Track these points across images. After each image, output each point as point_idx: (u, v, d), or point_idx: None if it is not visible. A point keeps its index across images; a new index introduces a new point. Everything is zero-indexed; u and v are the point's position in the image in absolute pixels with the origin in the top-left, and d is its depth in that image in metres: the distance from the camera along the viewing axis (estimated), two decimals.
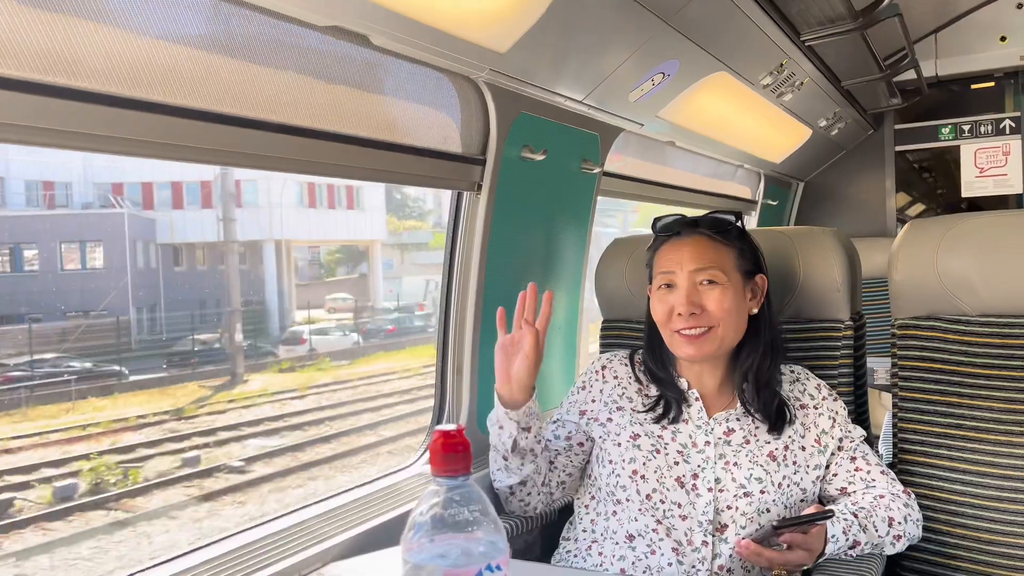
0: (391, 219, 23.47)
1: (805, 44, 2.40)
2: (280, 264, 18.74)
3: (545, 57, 1.68)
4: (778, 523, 1.27)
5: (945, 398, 1.63)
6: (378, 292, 21.92)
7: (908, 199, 4.57)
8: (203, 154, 1.20)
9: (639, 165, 2.73)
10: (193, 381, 12.55)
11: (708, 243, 1.49)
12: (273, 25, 1.26)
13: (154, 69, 1.11)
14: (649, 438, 1.49)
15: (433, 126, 1.65)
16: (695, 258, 1.47)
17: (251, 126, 1.25)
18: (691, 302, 1.44)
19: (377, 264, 22.17)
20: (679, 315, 1.45)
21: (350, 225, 21.22)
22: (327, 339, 16.71)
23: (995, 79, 3.89)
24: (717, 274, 1.46)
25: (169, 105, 1.13)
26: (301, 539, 1.42)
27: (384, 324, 19.91)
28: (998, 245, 1.60)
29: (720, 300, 1.45)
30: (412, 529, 0.84)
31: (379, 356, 16.09)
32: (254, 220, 18.24)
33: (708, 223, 1.51)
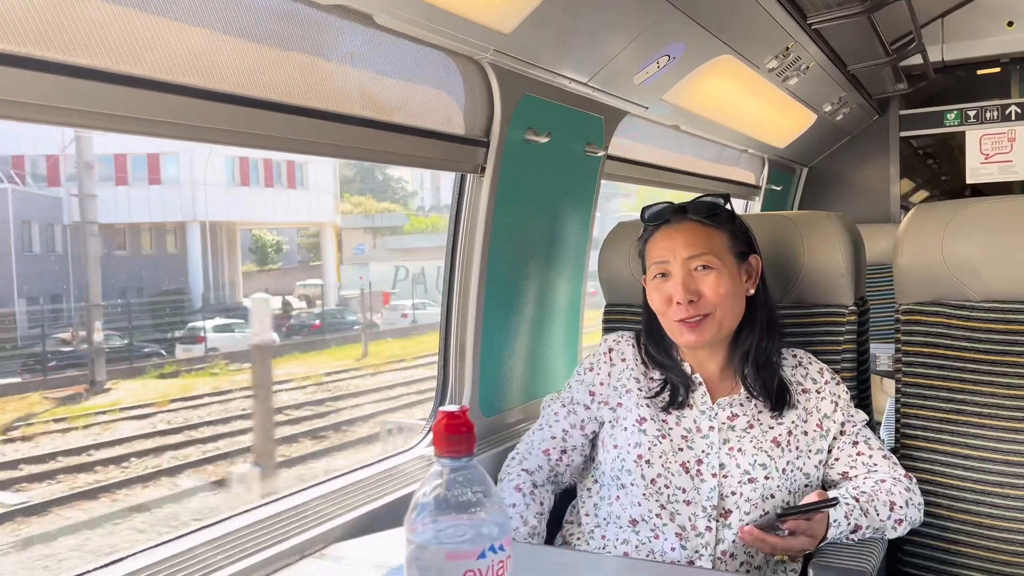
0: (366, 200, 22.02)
1: (812, 27, 2.38)
2: (215, 248, 16.81)
3: (550, 38, 1.66)
4: (782, 511, 1.28)
5: (948, 384, 1.63)
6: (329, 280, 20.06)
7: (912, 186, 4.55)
8: (206, 133, 1.20)
9: (643, 149, 2.72)
10: (40, 391, 9.96)
11: (699, 228, 1.48)
12: (277, 4, 1.25)
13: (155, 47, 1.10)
14: (655, 422, 1.49)
15: (437, 108, 1.64)
16: (688, 245, 1.47)
17: (252, 105, 1.24)
18: (687, 289, 1.44)
19: (329, 249, 20.27)
20: (677, 304, 1.45)
21: (292, 206, 19.00)
22: (232, 337, 14.00)
23: (1001, 64, 3.86)
24: (711, 259, 1.46)
25: (168, 83, 1.12)
26: (305, 519, 1.43)
27: (311, 319, 17.59)
28: (1004, 230, 1.60)
29: (716, 285, 1.45)
30: (415, 510, 0.84)
31: (291, 358, 13.84)
32: (175, 199, 16.25)
33: (697, 208, 1.51)
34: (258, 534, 1.34)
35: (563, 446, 1.58)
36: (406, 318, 18.66)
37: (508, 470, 1.59)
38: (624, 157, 2.50)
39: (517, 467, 1.58)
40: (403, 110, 1.55)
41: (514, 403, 2.02)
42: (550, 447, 1.58)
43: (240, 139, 1.24)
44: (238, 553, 1.28)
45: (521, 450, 1.61)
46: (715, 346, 1.52)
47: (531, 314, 2.05)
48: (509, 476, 1.56)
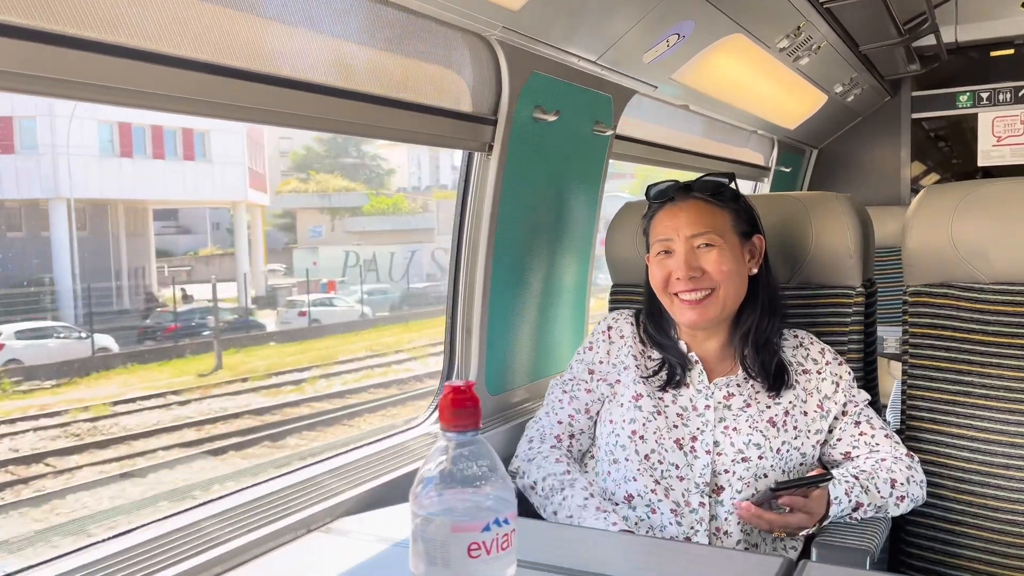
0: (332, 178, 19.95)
1: (823, 6, 2.36)
2: (97, 230, 14.30)
3: (559, 15, 1.65)
4: (775, 486, 1.28)
5: (955, 365, 1.63)
6: (257, 267, 17.78)
7: (923, 168, 4.51)
8: (210, 108, 1.19)
9: (652, 129, 2.70)
10: None
11: (703, 207, 1.49)
12: None
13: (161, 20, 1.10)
14: (651, 399, 1.50)
15: (444, 85, 1.63)
16: (691, 223, 1.47)
17: (261, 80, 1.24)
18: (690, 266, 1.45)
19: (242, 232, 17.43)
20: (678, 279, 1.46)
21: (188, 181, 15.87)
22: (45, 346, 11.18)
23: (1015, 46, 3.81)
24: (714, 237, 1.46)
25: (177, 57, 1.12)
26: (312, 494, 1.44)
27: (167, 320, 14.77)
28: (1014, 212, 1.59)
29: (718, 261, 1.45)
30: (421, 483, 0.85)
31: (121, 372, 11.37)
32: (33, 171, 13.33)
33: (702, 186, 1.51)
34: (264, 508, 1.36)
35: (571, 431, 1.59)
36: (304, 316, 16.34)
37: (533, 449, 1.58)
38: (633, 137, 2.48)
39: (540, 445, 1.58)
40: (411, 87, 1.55)
41: (520, 382, 2.03)
42: (560, 433, 1.59)
43: (247, 114, 1.24)
44: (244, 527, 1.29)
45: (534, 435, 1.61)
46: (716, 326, 1.52)
47: (538, 293, 2.05)
48: (542, 453, 1.55)
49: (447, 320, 1.86)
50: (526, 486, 1.53)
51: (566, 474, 1.49)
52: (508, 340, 1.96)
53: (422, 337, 14.88)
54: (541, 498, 1.49)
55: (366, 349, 14.04)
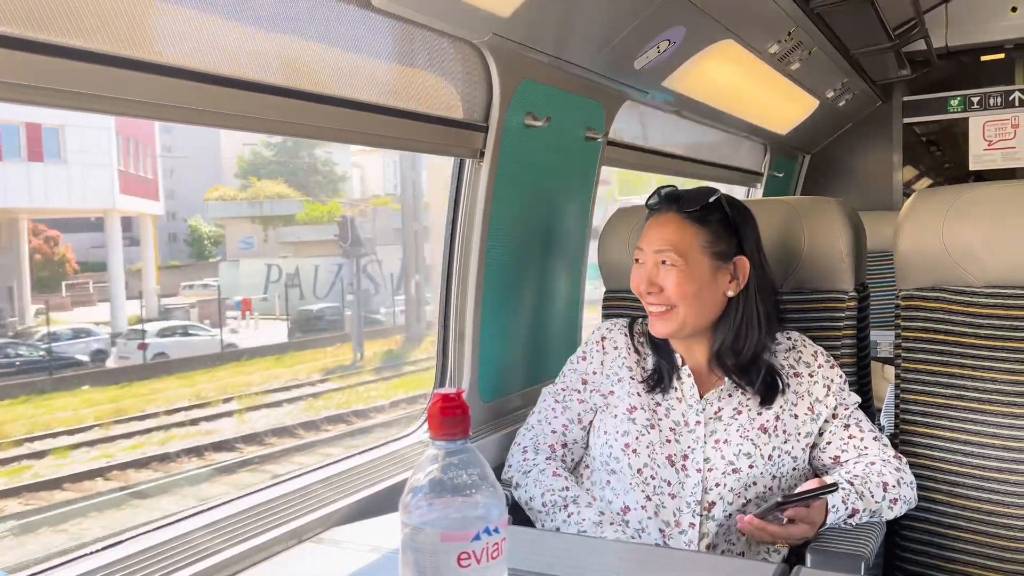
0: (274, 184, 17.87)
1: (814, 11, 2.36)
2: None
3: (549, 22, 1.65)
4: (783, 499, 1.27)
5: (948, 369, 1.62)
6: (116, 290, 14.82)
7: (915, 173, 4.53)
8: (198, 116, 1.19)
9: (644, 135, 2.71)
10: None
11: (678, 223, 1.48)
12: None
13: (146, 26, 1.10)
14: (645, 411, 1.49)
15: (435, 92, 1.63)
16: (658, 239, 1.48)
17: (249, 88, 1.23)
18: (650, 281, 1.47)
19: (114, 245, 14.79)
20: (640, 292, 1.49)
21: (35, 185, 12.88)
22: None
23: (1005, 50, 3.83)
24: (674, 257, 1.45)
25: (166, 66, 1.11)
26: (303, 504, 1.43)
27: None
28: (1005, 215, 1.59)
29: (677, 283, 1.45)
30: (410, 492, 0.84)
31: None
32: None
33: (684, 201, 1.50)
34: (255, 518, 1.35)
35: (564, 440, 1.58)
36: (144, 349, 13.39)
37: (528, 461, 1.56)
38: (625, 143, 2.49)
39: (535, 456, 1.56)
40: (402, 94, 1.54)
41: (514, 388, 2.02)
42: (554, 443, 1.58)
43: (236, 122, 1.23)
44: (235, 537, 1.28)
45: (527, 445, 1.59)
46: (695, 337, 1.52)
47: (531, 300, 2.04)
48: (538, 466, 1.54)
49: (439, 327, 1.86)
50: (523, 499, 1.52)
51: (566, 490, 1.49)
52: (501, 347, 1.95)
53: (291, 373, 12.64)
54: (541, 514, 1.48)
55: (191, 397, 11.12)
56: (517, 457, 1.58)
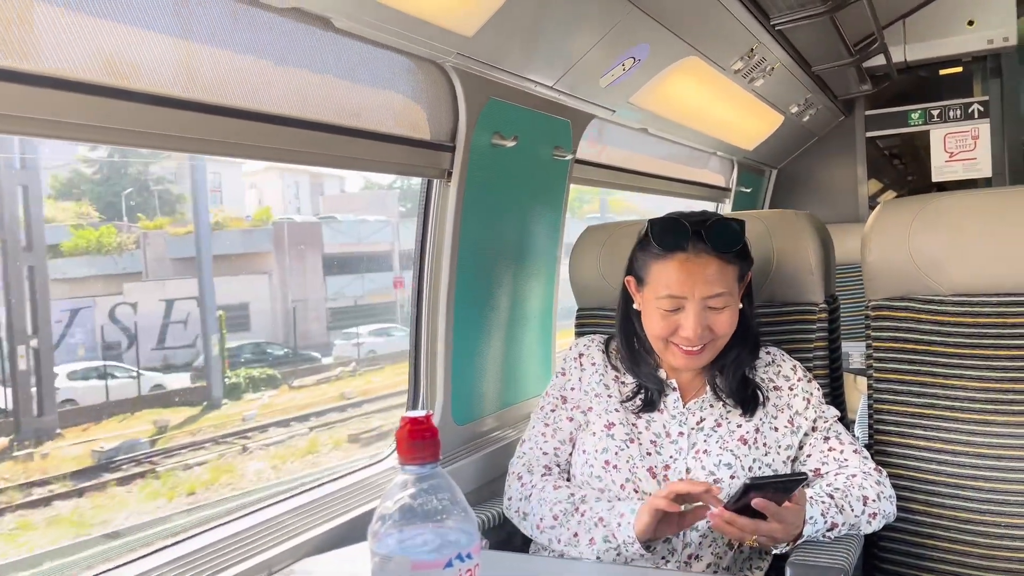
0: (68, 205, 13.10)
1: (775, 28, 2.39)
2: None
3: (513, 41, 1.65)
4: (750, 480, 1.24)
5: (919, 378, 1.63)
6: None
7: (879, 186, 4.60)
8: (154, 140, 1.16)
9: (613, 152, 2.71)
10: None
11: (719, 265, 1.41)
12: (231, 6, 1.22)
13: (101, 50, 1.07)
14: (624, 426, 1.48)
15: (401, 112, 1.62)
16: (708, 284, 1.40)
17: (209, 111, 1.21)
18: (701, 326, 1.41)
19: None
20: (686, 337, 1.42)
21: None
22: None
23: (963, 64, 3.92)
24: (728, 299, 1.43)
25: (118, 88, 1.09)
26: (274, 535, 1.40)
27: None
28: (969, 225, 1.60)
29: (728, 321, 1.44)
30: (379, 520, 0.81)
31: None
32: None
33: (720, 243, 1.41)
34: (225, 551, 1.31)
35: (557, 461, 1.56)
36: None
37: (525, 486, 1.52)
38: (593, 161, 2.49)
39: (531, 478, 1.53)
40: (366, 115, 1.53)
41: (488, 411, 2.00)
42: (547, 463, 1.55)
43: (192, 145, 1.21)
44: (204, 571, 1.25)
45: (521, 471, 1.55)
46: None
47: (503, 320, 2.02)
48: (537, 487, 1.50)
49: (411, 350, 1.83)
50: (533, 524, 1.47)
51: (572, 496, 1.45)
52: (474, 368, 1.93)
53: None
54: (556, 528, 1.43)
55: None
56: (514, 486, 1.54)
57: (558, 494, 1.46)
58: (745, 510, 1.25)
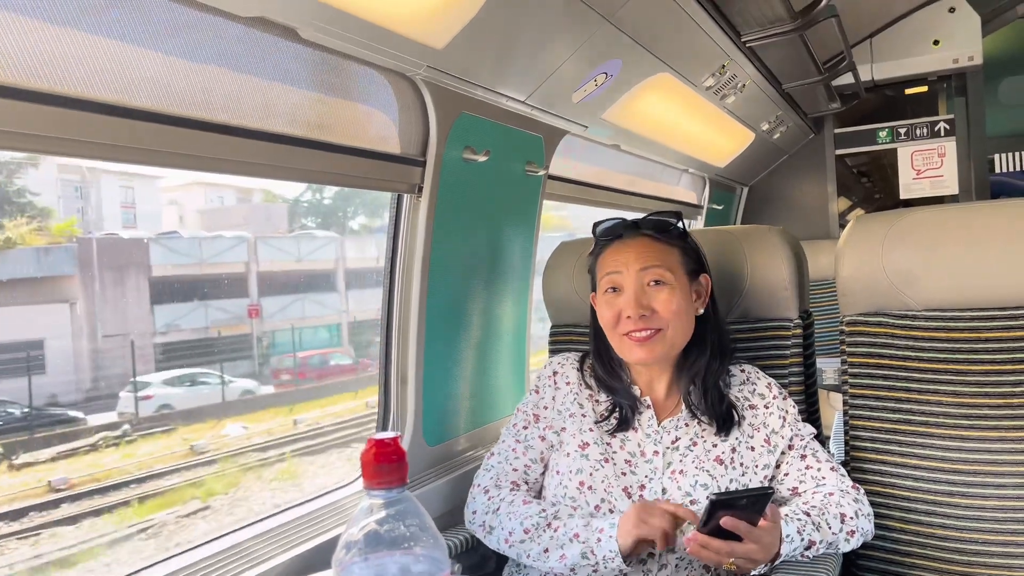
0: None
1: (746, 45, 2.40)
2: None
3: (485, 54, 1.63)
4: (715, 497, 1.21)
5: (894, 394, 1.62)
6: None
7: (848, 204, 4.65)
8: (112, 151, 1.12)
9: (585, 168, 2.70)
10: None
11: (652, 243, 1.47)
12: (193, 16, 1.19)
13: (61, 58, 1.03)
14: (598, 446, 1.45)
15: (369, 126, 1.58)
16: (641, 257, 1.44)
17: (169, 123, 1.17)
18: (640, 303, 1.42)
19: None
20: (628, 318, 1.42)
21: None
22: None
23: (928, 83, 3.98)
24: (664, 273, 1.43)
25: (77, 98, 1.05)
26: (238, 562, 1.34)
27: None
28: (941, 239, 1.60)
29: (668, 301, 1.42)
30: (344, 548, 0.77)
31: None
32: None
33: (651, 224, 1.49)
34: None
35: (526, 478, 1.53)
36: None
37: (493, 499, 1.48)
38: (566, 177, 2.47)
39: (499, 492, 1.48)
40: (334, 128, 1.49)
41: (460, 431, 1.96)
42: (516, 479, 1.52)
43: (150, 158, 1.17)
44: None
45: (488, 485, 1.51)
46: (663, 364, 1.49)
47: (476, 338, 1.99)
48: (505, 500, 1.46)
49: (380, 369, 1.79)
50: (500, 538, 1.43)
51: (542, 513, 1.40)
52: (446, 388, 1.89)
53: None
54: (526, 542, 1.38)
55: None
56: (480, 499, 1.50)
57: (528, 508, 1.42)
58: (718, 532, 1.23)
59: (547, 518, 1.39)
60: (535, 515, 1.40)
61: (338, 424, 8.85)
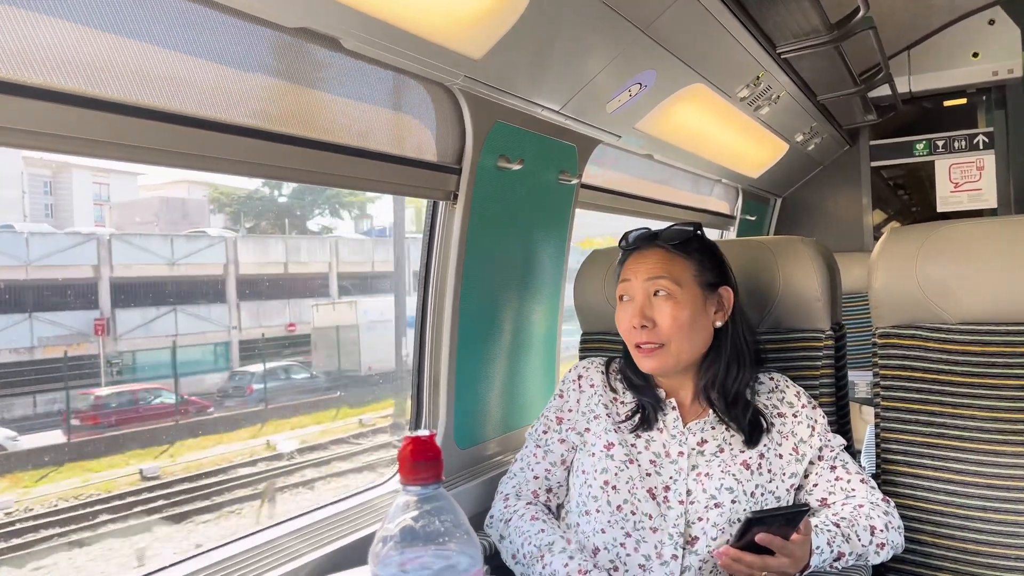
0: None
1: (781, 57, 2.40)
2: None
3: (521, 65, 1.66)
4: (752, 514, 1.23)
5: (927, 407, 1.61)
6: None
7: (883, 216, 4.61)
8: (168, 158, 1.16)
9: (618, 177, 2.72)
10: None
11: (665, 255, 1.49)
12: (242, 27, 1.23)
13: (121, 69, 1.08)
14: (623, 447, 1.47)
15: (407, 134, 1.62)
16: (650, 268, 1.47)
17: (220, 130, 1.21)
18: (643, 315, 1.45)
19: None
20: (634, 328, 1.46)
21: None
22: None
23: (967, 95, 3.93)
24: (669, 285, 1.45)
25: (136, 106, 1.09)
26: (272, 558, 1.38)
27: None
28: (977, 252, 1.59)
29: (673, 314, 1.44)
30: (381, 542, 0.80)
31: None
32: None
33: (667, 235, 1.51)
34: (223, 574, 1.29)
35: (548, 484, 1.55)
36: None
37: (508, 508, 1.52)
38: (598, 186, 2.49)
39: (516, 503, 1.53)
40: (373, 136, 1.53)
41: (490, 435, 1.98)
42: (537, 488, 1.54)
43: (202, 164, 1.21)
44: None
45: (509, 493, 1.56)
46: (683, 372, 1.50)
47: (507, 344, 2.01)
48: (518, 512, 1.50)
49: (414, 373, 1.82)
50: (509, 553, 1.47)
51: (541, 533, 1.44)
52: (477, 392, 1.92)
53: None
54: (524, 566, 1.44)
55: None
56: (499, 506, 1.54)
57: (531, 527, 1.46)
58: (751, 546, 1.24)
59: (540, 548, 1.42)
60: (532, 535, 1.45)
61: None
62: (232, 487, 8.41)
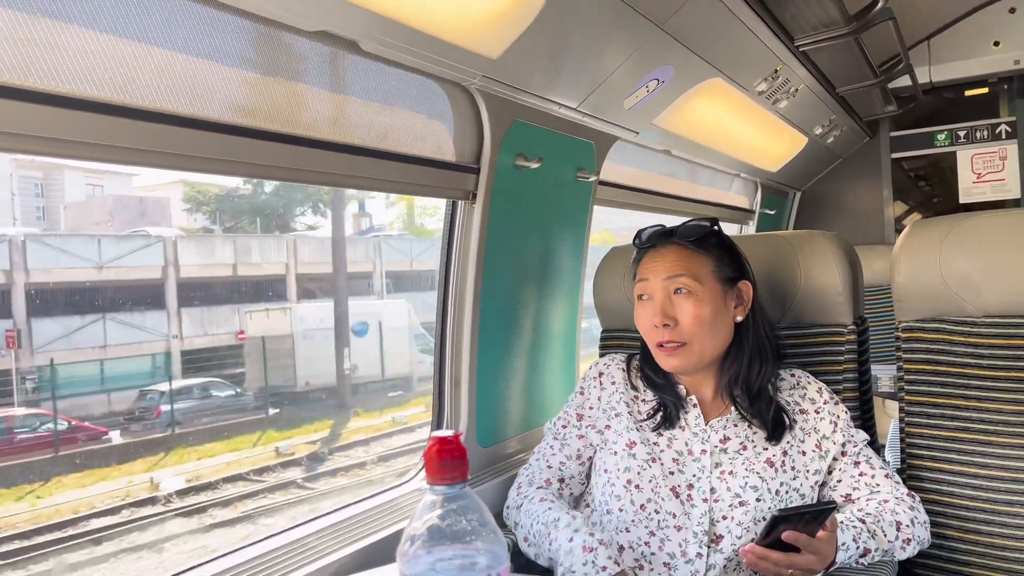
0: None
1: (799, 49, 2.39)
2: None
3: (538, 63, 1.66)
4: (779, 512, 1.23)
5: (952, 401, 1.60)
6: None
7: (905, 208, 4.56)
8: (191, 162, 1.18)
9: (636, 173, 2.71)
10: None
11: (683, 251, 1.47)
12: (262, 30, 1.24)
13: (143, 74, 1.09)
14: (645, 446, 1.47)
15: (426, 134, 1.63)
16: (668, 266, 1.46)
17: (242, 134, 1.23)
18: (664, 314, 1.44)
19: None
20: (655, 327, 1.45)
21: None
22: None
23: (989, 84, 3.89)
24: (689, 282, 1.44)
25: (159, 112, 1.11)
26: (299, 556, 1.39)
27: None
28: (1001, 244, 1.58)
29: (695, 312, 1.43)
30: (408, 541, 0.81)
31: None
32: None
33: (684, 232, 1.50)
34: (249, 573, 1.31)
35: (561, 475, 1.55)
36: None
37: (521, 495, 1.53)
38: (616, 182, 2.49)
39: (529, 490, 1.53)
40: (392, 137, 1.54)
41: (511, 433, 1.99)
42: (549, 476, 1.55)
43: (225, 168, 1.22)
44: None
45: (523, 481, 1.57)
46: (705, 369, 1.50)
47: (527, 342, 2.02)
48: (528, 496, 1.51)
49: (435, 372, 1.83)
50: (521, 537, 1.48)
51: (548, 511, 1.44)
52: (498, 390, 1.93)
53: None
54: (535, 547, 1.44)
55: None
56: (512, 495, 1.56)
57: (539, 507, 1.46)
58: (777, 544, 1.24)
59: (547, 526, 1.41)
60: (540, 515, 1.44)
61: None
62: (68, 547, 6.92)
